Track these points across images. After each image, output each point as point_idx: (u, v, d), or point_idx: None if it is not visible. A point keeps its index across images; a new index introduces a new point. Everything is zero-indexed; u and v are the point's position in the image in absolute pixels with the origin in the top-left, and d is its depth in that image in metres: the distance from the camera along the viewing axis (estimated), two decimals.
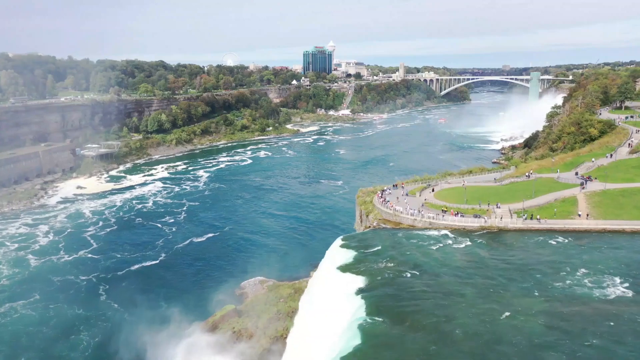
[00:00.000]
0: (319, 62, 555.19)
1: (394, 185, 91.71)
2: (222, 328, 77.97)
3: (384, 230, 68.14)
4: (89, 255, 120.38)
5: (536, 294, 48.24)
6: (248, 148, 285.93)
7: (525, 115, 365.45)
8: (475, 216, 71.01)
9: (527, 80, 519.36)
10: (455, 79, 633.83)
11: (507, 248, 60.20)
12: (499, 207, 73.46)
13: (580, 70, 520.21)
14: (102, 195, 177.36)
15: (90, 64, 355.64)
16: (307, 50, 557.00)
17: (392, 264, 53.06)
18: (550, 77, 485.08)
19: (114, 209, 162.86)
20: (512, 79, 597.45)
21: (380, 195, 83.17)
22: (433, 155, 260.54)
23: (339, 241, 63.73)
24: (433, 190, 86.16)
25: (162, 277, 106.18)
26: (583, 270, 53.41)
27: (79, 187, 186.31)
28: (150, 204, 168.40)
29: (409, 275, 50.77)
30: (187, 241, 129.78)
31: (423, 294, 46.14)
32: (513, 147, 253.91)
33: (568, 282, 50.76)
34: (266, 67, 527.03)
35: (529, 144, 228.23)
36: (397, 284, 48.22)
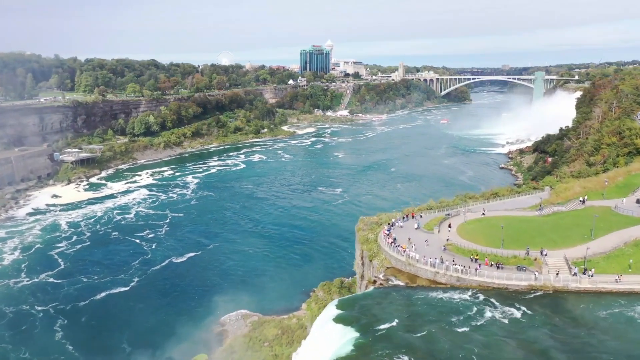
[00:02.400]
0: (317, 62, 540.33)
1: (404, 217, 72.91)
2: None
3: (394, 290, 50.90)
4: (51, 280, 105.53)
5: None
6: (241, 151, 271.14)
7: (531, 116, 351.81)
8: (519, 268, 52.97)
9: (531, 80, 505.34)
10: (455, 79, 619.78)
11: (577, 327, 41.83)
12: (546, 254, 55.08)
13: (583, 70, 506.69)
14: (77, 205, 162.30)
15: (78, 62, 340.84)
16: (305, 49, 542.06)
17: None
18: (555, 77, 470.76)
19: (90, 221, 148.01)
20: (515, 78, 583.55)
21: (387, 231, 65.24)
22: (436, 159, 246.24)
23: (332, 309, 46.46)
24: (450, 227, 66.48)
25: (131, 310, 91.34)
26: None
27: (54, 196, 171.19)
28: (130, 215, 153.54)
29: None
30: (166, 262, 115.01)
31: None
32: (521, 151, 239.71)
33: None
34: (263, 67, 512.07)
35: (540, 147, 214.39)
36: None
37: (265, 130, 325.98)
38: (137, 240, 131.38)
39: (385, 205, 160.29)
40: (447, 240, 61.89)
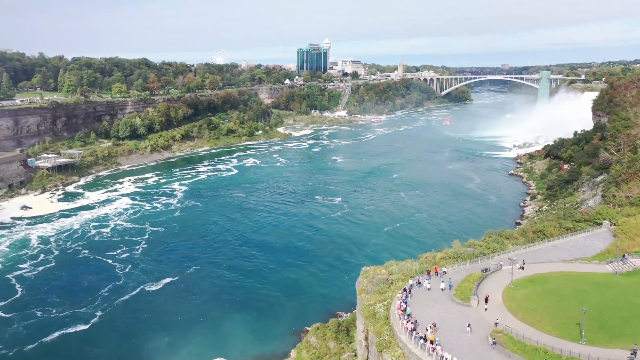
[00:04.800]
0: (314, 61, 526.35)
1: (417, 283, 51.67)
2: None
3: None
4: (0, 314, 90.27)
5: None
6: (234, 155, 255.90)
7: (537, 118, 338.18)
8: None
9: (535, 80, 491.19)
10: (456, 79, 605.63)
11: None
12: None
13: (587, 70, 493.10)
14: (48, 218, 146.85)
15: (64, 61, 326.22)
16: (302, 47, 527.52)
17: None
18: (559, 76, 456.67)
19: (62, 236, 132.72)
20: (518, 78, 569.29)
21: (401, 303, 46.13)
22: (440, 164, 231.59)
23: None
24: (488, 301, 45.61)
25: (84, 357, 76.09)
26: None
27: (23, 208, 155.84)
28: (105, 229, 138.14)
29: None
30: (137, 289, 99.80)
31: None
32: (530, 156, 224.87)
33: None
34: (259, 66, 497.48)
35: (552, 153, 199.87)
36: None
37: (260, 132, 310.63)
38: (110, 261, 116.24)
39: (389, 217, 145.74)
40: (496, 323, 42.12)
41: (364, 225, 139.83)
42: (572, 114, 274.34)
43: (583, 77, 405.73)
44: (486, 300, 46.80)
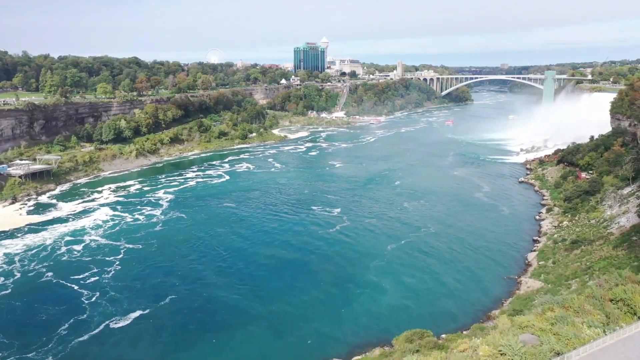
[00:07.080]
0: (311, 60, 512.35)
1: None
2: None
3: None
4: None
5: None
6: (226, 160, 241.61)
7: (543, 119, 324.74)
8: None
9: (539, 80, 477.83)
10: (456, 78, 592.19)
11: None
12: None
13: (589, 69, 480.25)
14: (12, 234, 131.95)
15: (49, 60, 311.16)
16: (298, 46, 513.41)
17: None
18: (564, 76, 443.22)
19: (27, 255, 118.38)
20: (521, 78, 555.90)
21: None
22: (445, 170, 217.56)
23: None
24: None
25: None
26: None
27: None
28: (75, 247, 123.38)
29: None
30: (101, 326, 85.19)
31: None
32: (541, 162, 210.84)
33: None
34: (255, 65, 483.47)
35: (566, 159, 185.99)
36: None
37: (254, 134, 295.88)
38: (75, 287, 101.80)
39: (393, 232, 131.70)
40: None
41: (366, 243, 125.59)
42: (580, 115, 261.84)
43: (589, 77, 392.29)
44: None
